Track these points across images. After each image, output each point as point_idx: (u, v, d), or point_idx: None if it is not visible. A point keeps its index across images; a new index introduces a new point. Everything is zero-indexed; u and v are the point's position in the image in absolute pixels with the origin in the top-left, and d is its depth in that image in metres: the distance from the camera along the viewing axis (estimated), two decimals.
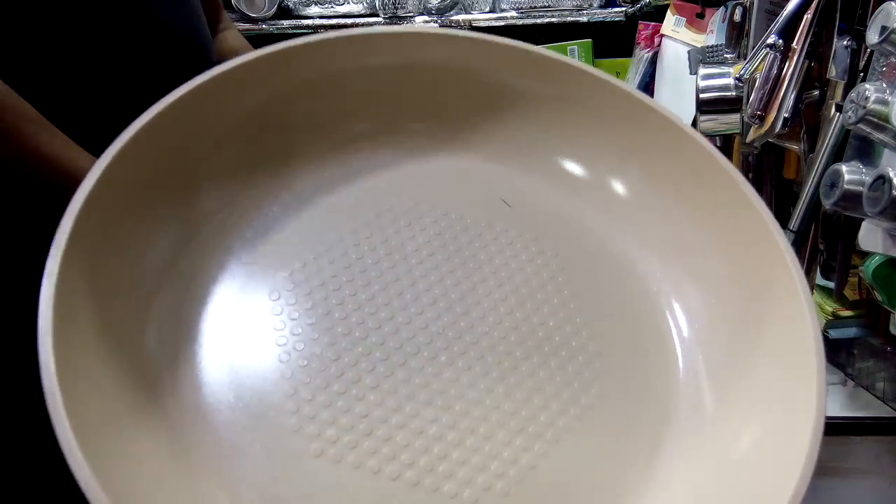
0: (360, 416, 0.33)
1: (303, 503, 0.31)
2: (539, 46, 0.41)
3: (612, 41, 1.64)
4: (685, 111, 1.21)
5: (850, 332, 0.77)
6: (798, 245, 0.73)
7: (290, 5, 1.68)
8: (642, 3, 1.47)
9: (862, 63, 0.65)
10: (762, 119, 0.76)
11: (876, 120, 0.55)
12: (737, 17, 0.89)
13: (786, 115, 0.73)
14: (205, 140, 0.37)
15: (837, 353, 0.85)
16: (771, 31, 0.75)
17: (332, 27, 1.67)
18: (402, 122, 0.42)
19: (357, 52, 0.39)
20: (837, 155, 0.65)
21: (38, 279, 0.29)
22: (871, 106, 0.55)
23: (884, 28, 0.55)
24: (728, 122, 0.89)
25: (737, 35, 0.90)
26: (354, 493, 0.31)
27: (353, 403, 0.33)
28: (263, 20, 1.66)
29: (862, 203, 0.57)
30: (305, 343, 0.34)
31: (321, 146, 0.41)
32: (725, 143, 1.03)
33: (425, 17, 1.63)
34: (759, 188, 0.90)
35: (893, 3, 0.54)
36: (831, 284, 0.71)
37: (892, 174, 0.54)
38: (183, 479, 0.30)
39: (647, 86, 1.40)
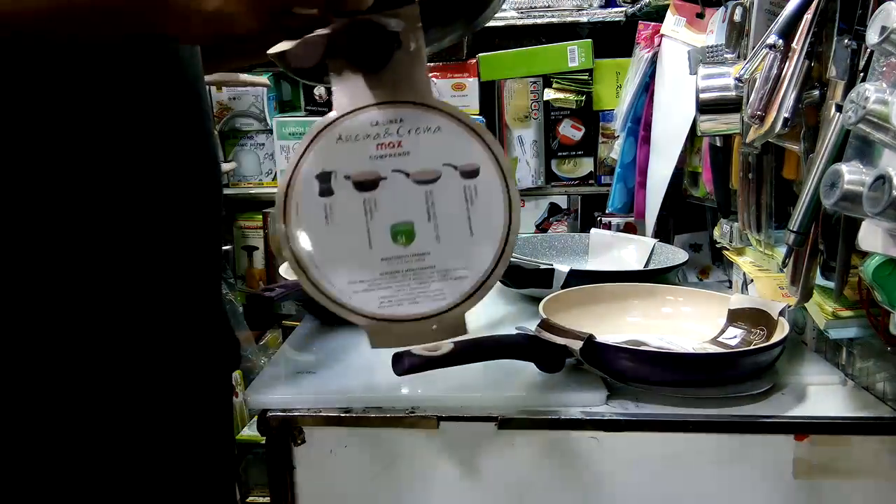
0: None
1: None
2: None
3: (612, 41, 1.64)
4: (685, 111, 1.21)
5: (850, 332, 0.76)
6: (798, 245, 0.73)
7: None
8: (642, 3, 1.47)
9: (862, 63, 0.65)
10: (762, 119, 0.76)
11: (876, 120, 0.56)
12: (737, 17, 0.89)
13: (786, 115, 0.73)
14: None
15: (837, 353, 0.85)
16: (771, 31, 0.75)
17: None
18: None
19: None
20: (837, 155, 0.65)
21: None
22: (871, 106, 0.55)
23: (884, 28, 0.55)
24: (728, 122, 0.89)
25: (737, 35, 0.90)
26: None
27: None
28: None
29: (862, 203, 0.57)
30: None
31: None
32: (725, 143, 1.03)
33: None
34: (759, 188, 0.91)
35: (893, 3, 0.54)
36: (831, 284, 0.71)
37: (892, 174, 0.54)
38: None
39: (647, 86, 1.40)
